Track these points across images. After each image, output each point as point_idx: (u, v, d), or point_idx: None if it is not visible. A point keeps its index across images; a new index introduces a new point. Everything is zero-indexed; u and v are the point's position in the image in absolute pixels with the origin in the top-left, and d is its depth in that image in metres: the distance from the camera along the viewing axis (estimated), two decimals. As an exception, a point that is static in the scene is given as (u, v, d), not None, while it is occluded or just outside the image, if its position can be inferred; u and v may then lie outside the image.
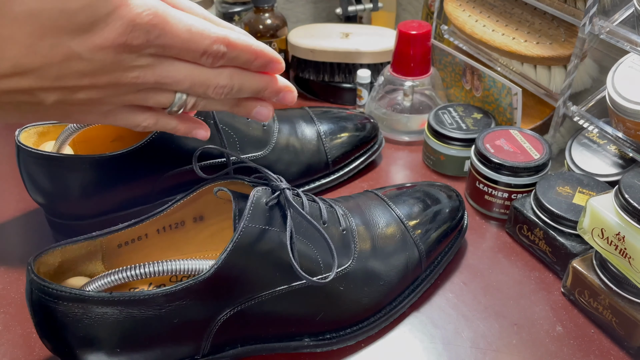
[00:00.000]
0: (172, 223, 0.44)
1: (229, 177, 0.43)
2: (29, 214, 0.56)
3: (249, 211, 0.38)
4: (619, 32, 0.49)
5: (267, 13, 0.73)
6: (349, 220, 0.45)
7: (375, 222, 0.46)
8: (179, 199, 0.43)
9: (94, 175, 0.48)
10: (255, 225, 0.38)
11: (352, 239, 0.44)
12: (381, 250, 0.45)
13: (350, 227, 0.45)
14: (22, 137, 0.48)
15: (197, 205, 0.44)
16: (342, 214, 0.45)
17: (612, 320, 0.43)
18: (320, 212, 0.44)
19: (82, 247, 0.40)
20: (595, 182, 0.51)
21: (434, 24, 0.72)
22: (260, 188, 0.40)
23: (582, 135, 0.58)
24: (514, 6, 0.64)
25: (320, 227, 0.39)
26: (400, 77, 0.67)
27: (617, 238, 0.41)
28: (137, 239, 0.43)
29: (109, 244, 0.41)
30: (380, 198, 0.50)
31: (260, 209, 0.39)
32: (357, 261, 0.43)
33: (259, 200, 0.39)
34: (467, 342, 0.44)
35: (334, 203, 0.47)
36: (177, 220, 0.44)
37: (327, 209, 0.44)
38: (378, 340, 0.44)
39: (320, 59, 0.74)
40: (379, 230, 0.46)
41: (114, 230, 0.40)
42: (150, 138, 0.48)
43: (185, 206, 0.43)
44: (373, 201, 0.49)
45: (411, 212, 0.48)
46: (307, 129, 0.59)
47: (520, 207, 0.52)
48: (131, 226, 0.41)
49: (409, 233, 0.47)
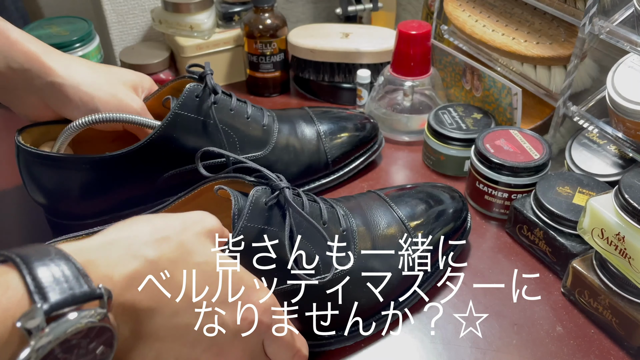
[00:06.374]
0: None
1: (229, 175, 0.43)
2: (29, 214, 0.56)
3: (247, 210, 0.38)
4: (619, 32, 0.49)
5: (267, 13, 0.73)
6: (349, 220, 0.45)
7: (377, 222, 0.46)
8: (179, 196, 0.42)
9: (94, 175, 0.48)
10: (254, 224, 0.38)
11: (353, 239, 0.44)
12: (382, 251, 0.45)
13: (350, 228, 0.45)
14: (22, 137, 0.48)
15: (198, 203, 0.44)
16: (343, 214, 0.45)
17: (612, 321, 0.43)
18: (321, 212, 0.44)
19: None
20: (595, 182, 0.51)
21: (434, 24, 0.72)
22: (260, 188, 0.40)
23: (582, 135, 0.58)
24: (514, 6, 0.64)
25: (320, 226, 0.38)
26: (400, 77, 0.67)
27: (617, 238, 0.41)
28: None
29: None
30: (382, 199, 0.50)
31: (260, 208, 0.39)
32: (357, 262, 0.43)
33: (258, 200, 0.39)
34: (467, 342, 0.44)
35: (335, 203, 0.47)
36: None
37: (328, 209, 0.44)
38: (378, 341, 0.44)
39: (320, 59, 0.74)
40: (380, 231, 0.46)
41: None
42: (151, 138, 0.48)
43: (187, 204, 0.43)
44: (375, 202, 0.49)
45: (413, 213, 0.48)
46: (307, 129, 0.59)
47: (520, 207, 0.52)
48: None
49: (410, 234, 0.46)
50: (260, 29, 0.73)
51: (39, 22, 0.72)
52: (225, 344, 0.33)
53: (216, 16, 0.78)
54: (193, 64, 0.54)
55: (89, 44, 0.70)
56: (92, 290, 0.25)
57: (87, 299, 0.25)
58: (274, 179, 0.41)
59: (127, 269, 0.29)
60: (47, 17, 0.77)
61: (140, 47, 0.79)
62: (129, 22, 0.79)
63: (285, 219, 0.39)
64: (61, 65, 0.46)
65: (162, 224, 0.33)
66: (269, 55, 0.75)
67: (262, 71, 0.76)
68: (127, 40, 0.81)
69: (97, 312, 0.25)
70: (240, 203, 0.39)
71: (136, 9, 0.79)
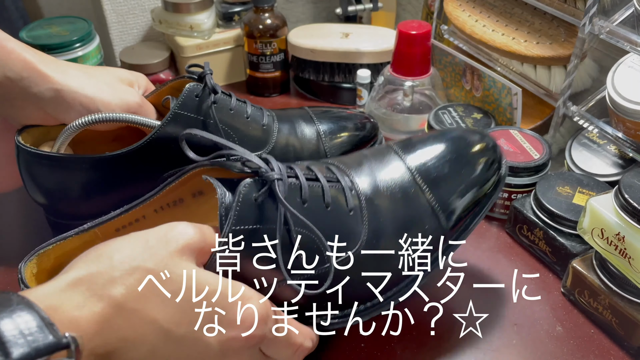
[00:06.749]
0: (170, 202, 0.42)
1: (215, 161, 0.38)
2: (29, 214, 0.56)
3: (235, 212, 0.34)
4: (619, 32, 0.49)
5: (267, 13, 0.73)
6: (358, 195, 0.41)
7: (390, 190, 0.41)
8: (169, 181, 0.40)
9: (94, 175, 0.48)
10: (243, 226, 0.34)
11: (361, 218, 0.40)
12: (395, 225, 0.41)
13: (359, 205, 0.40)
14: (22, 137, 0.48)
15: (193, 184, 0.41)
16: (350, 187, 0.41)
17: (612, 321, 0.43)
18: (323, 193, 0.39)
19: (76, 241, 0.38)
20: (595, 182, 0.51)
21: (434, 24, 0.72)
22: (248, 181, 0.36)
23: (582, 135, 0.58)
24: (514, 6, 0.64)
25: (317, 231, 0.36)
26: (400, 77, 0.67)
27: (617, 238, 0.41)
28: (135, 221, 0.41)
29: (105, 230, 0.39)
30: (399, 158, 0.44)
31: (249, 206, 0.35)
32: (366, 243, 0.39)
33: (247, 197, 0.35)
34: (467, 342, 0.44)
35: (341, 174, 0.42)
36: (174, 198, 0.42)
37: (332, 187, 0.40)
38: (378, 341, 0.44)
39: (320, 59, 0.74)
40: (394, 203, 0.41)
41: (106, 220, 0.38)
42: (150, 138, 0.48)
43: (181, 186, 0.41)
44: (391, 163, 0.43)
45: (435, 175, 0.42)
46: (307, 129, 0.59)
47: (520, 207, 0.52)
48: (124, 212, 0.39)
49: (429, 203, 0.42)
50: (260, 29, 0.73)
51: (39, 22, 0.72)
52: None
53: (216, 16, 0.78)
54: (193, 64, 0.54)
55: (89, 44, 0.70)
56: (57, 340, 0.24)
57: (53, 350, 0.24)
58: (264, 169, 0.36)
59: (93, 312, 0.28)
60: (47, 17, 0.77)
61: (140, 47, 0.79)
62: (129, 22, 0.79)
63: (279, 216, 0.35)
64: (58, 73, 0.46)
65: (128, 251, 0.31)
66: (269, 55, 0.75)
67: (262, 71, 0.76)
68: (127, 40, 0.81)
69: None
70: (227, 201, 0.35)
71: (136, 9, 0.79)
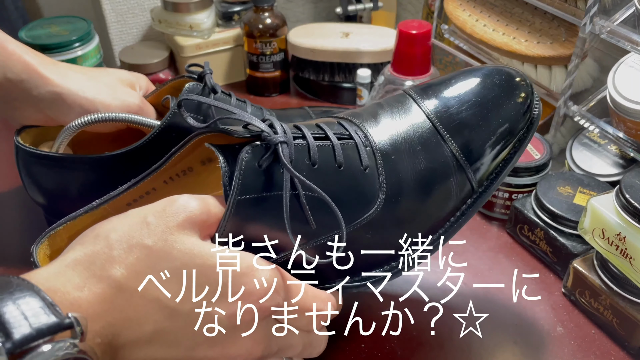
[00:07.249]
0: (179, 172, 0.40)
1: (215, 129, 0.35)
2: (29, 214, 0.56)
3: (238, 181, 0.32)
4: (620, 32, 0.49)
5: (266, 12, 0.73)
6: (373, 151, 0.38)
7: (409, 142, 0.38)
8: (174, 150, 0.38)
9: (94, 175, 0.48)
10: (248, 195, 0.32)
11: (378, 177, 0.37)
12: (416, 183, 0.38)
13: (375, 164, 0.37)
14: (21, 137, 0.48)
15: (201, 151, 0.39)
16: (364, 143, 0.38)
17: (613, 321, 0.43)
18: (334, 152, 0.36)
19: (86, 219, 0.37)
20: (596, 182, 0.51)
21: (435, 24, 0.72)
22: (250, 147, 0.33)
23: (583, 135, 0.58)
24: (514, 6, 0.63)
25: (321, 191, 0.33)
26: (400, 77, 0.67)
27: (618, 238, 0.41)
28: (146, 194, 0.40)
29: (116, 206, 0.38)
30: (416, 103, 0.41)
31: (253, 173, 0.33)
32: (384, 205, 0.37)
33: (249, 164, 0.33)
34: (467, 342, 0.44)
35: (355, 130, 0.39)
36: (183, 167, 0.40)
37: (344, 145, 0.37)
38: (378, 341, 0.44)
39: (320, 59, 0.74)
40: (414, 156, 0.38)
41: (116, 195, 0.37)
42: (150, 138, 0.48)
43: (187, 155, 0.39)
44: (408, 111, 0.41)
45: (458, 122, 0.39)
46: (307, 129, 0.59)
47: (520, 207, 0.52)
48: (133, 186, 0.37)
49: (454, 155, 0.39)
50: (260, 28, 0.73)
51: (39, 21, 0.72)
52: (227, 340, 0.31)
53: (216, 16, 0.78)
54: (192, 64, 0.54)
55: (89, 43, 0.70)
56: (60, 320, 0.24)
57: (55, 331, 0.24)
58: (267, 132, 0.33)
59: (93, 293, 0.27)
60: (46, 17, 0.77)
61: (139, 46, 0.79)
62: (129, 21, 0.79)
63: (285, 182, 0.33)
64: (58, 75, 0.46)
65: (126, 229, 0.30)
66: (269, 55, 0.75)
67: (262, 71, 0.76)
68: (126, 39, 0.81)
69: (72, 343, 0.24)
70: (230, 169, 0.33)
71: (136, 9, 0.79)
